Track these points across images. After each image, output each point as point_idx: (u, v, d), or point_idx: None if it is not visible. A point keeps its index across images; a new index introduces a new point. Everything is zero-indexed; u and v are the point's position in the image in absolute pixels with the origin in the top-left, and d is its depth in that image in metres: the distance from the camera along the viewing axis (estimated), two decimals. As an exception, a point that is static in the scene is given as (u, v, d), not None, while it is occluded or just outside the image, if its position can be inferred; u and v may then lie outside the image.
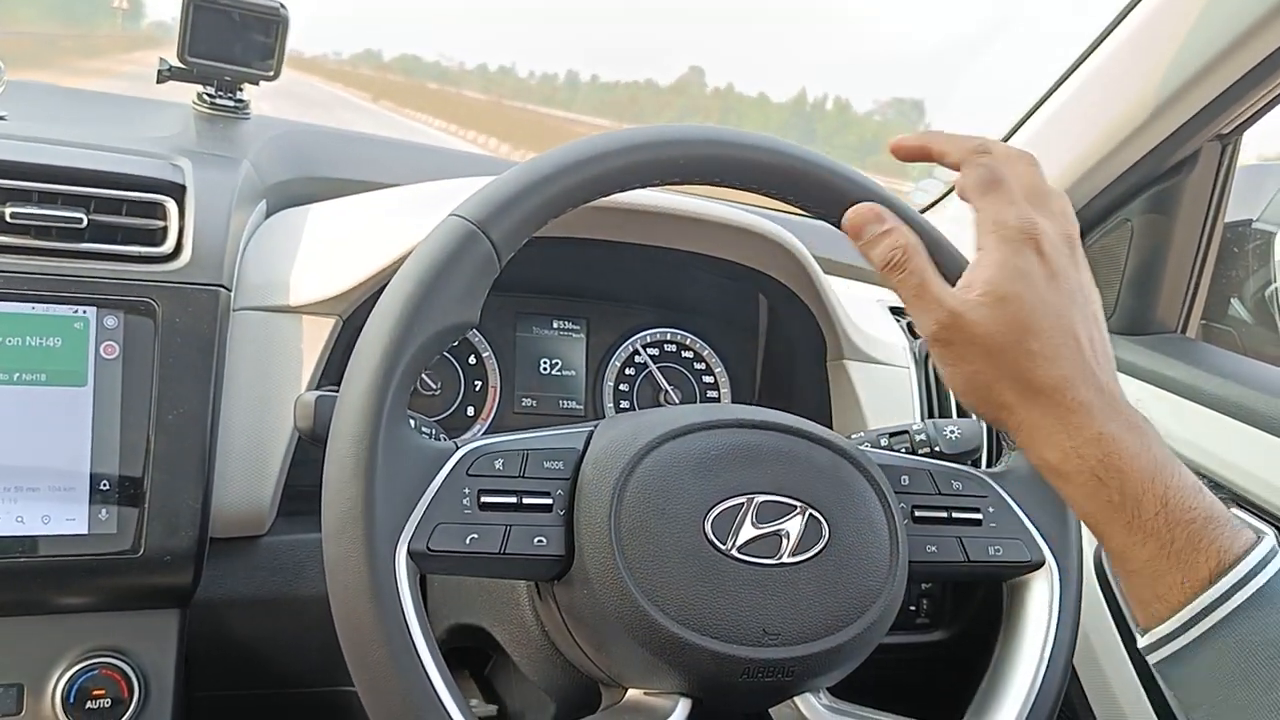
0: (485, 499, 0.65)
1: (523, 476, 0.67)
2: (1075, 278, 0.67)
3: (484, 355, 1.17)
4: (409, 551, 0.62)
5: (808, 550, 0.69)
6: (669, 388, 1.22)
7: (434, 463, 0.65)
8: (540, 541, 0.67)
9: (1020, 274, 0.65)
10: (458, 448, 0.67)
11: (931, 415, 1.18)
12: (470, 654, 0.98)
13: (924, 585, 1.12)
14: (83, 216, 0.85)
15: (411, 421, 0.82)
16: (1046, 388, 0.64)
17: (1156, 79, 1.08)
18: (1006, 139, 1.33)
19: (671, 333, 1.24)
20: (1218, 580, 0.61)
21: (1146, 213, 1.20)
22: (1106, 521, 0.64)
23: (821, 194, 0.76)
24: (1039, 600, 0.78)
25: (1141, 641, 0.65)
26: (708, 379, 1.25)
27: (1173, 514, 0.62)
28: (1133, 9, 1.11)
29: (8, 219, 0.83)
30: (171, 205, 0.89)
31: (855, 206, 0.69)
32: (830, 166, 0.76)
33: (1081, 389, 0.64)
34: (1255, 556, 0.61)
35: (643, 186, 0.73)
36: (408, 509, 0.63)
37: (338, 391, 0.66)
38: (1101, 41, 1.16)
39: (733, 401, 1.25)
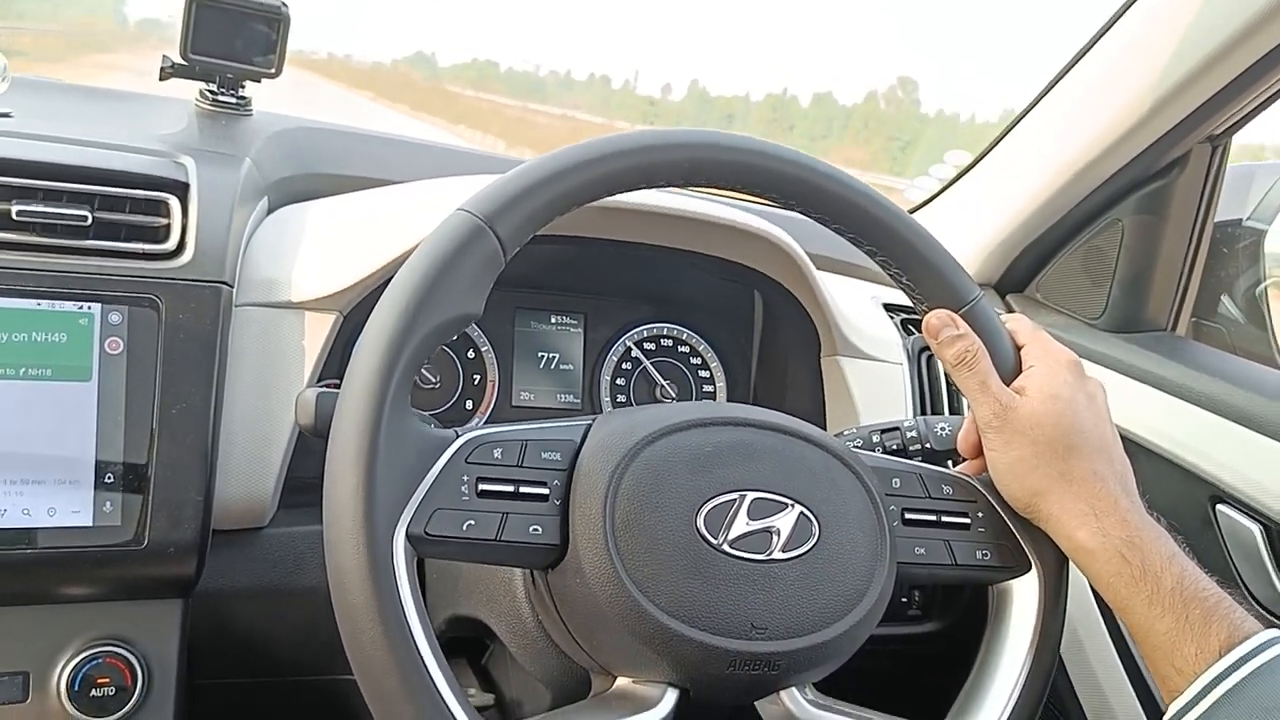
0: (483, 486, 0.67)
1: (520, 466, 0.68)
2: (1106, 405, 0.79)
3: (483, 349, 1.18)
4: (407, 535, 0.63)
5: (798, 547, 0.70)
6: (664, 382, 1.24)
7: (434, 450, 0.66)
8: (536, 530, 0.68)
9: (1067, 384, 0.77)
10: (458, 436, 0.68)
11: (923, 410, 1.19)
12: (468, 643, 1.00)
13: (914, 581, 1.13)
14: (87, 214, 0.86)
15: (414, 418, 0.84)
16: (1080, 477, 0.75)
17: (1148, 82, 1.09)
18: (1003, 137, 1.35)
19: (668, 328, 1.26)
20: (1228, 653, 0.68)
21: (1137, 213, 1.21)
22: (1129, 596, 0.72)
23: (825, 202, 0.77)
24: (1024, 604, 0.79)
25: (1166, 717, 0.70)
26: (703, 373, 1.27)
27: (1188, 591, 0.71)
28: (1125, 13, 1.12)
29: (13, 216, 0.84)
30: (174, 203, 0.90)
31: (935, 311, 0.79)
32: (835, 175, 0.77)
33: (1111, 484, 0.75)
34: (1263, 637, 0.68)
35: (648, 187, 0.74)
36: (407, 494, 0.64)
37: (337, 388, 0.67)
38: (1094, 45, 1.17)
39: (728, 396, 1.27)
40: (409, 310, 0.65)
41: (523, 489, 0.68)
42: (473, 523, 0.66)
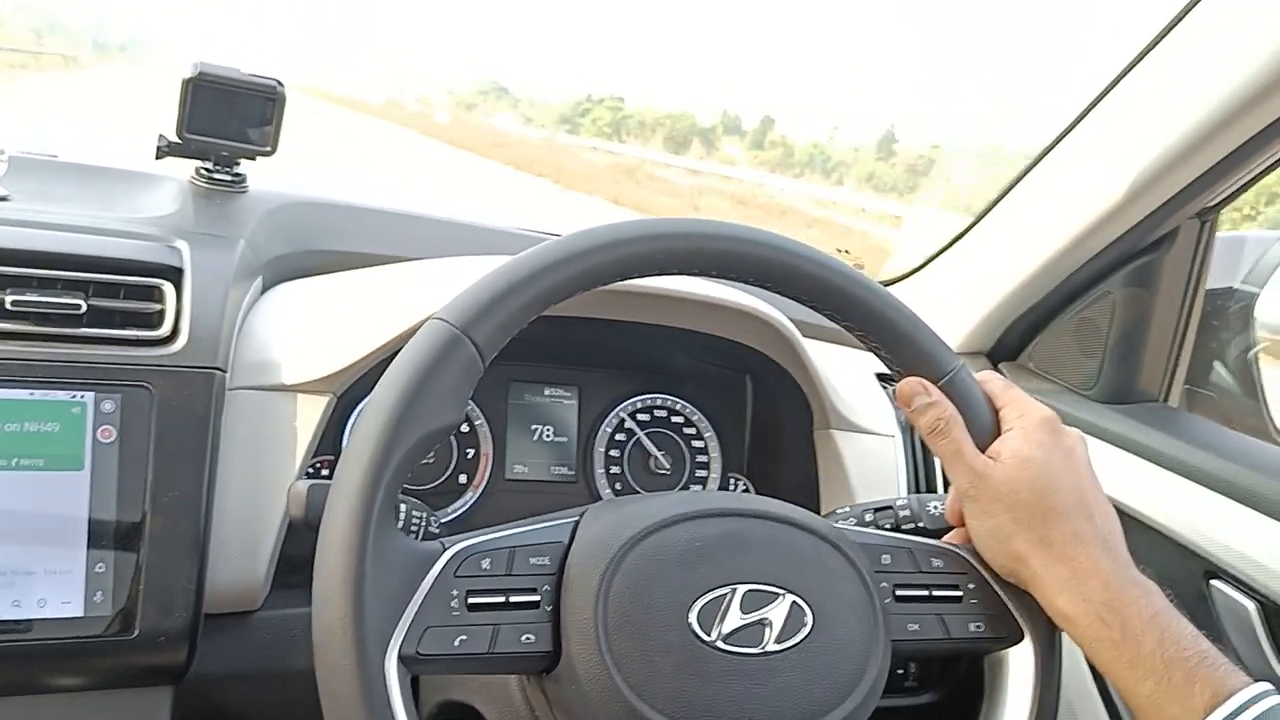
0: (473, 600, 0.66)
1: (509, 574, 0.68)
2: (1086, 458, 0.79)
3: (476, 423, 1.18)
4: (399, 656, 0.63)
5: (791, 638, 0.70)
6: (658, 454, 1.24)
7: (422, 566, 0.66)
8: (528, 639, 0.68)
9: (1041, 445, 0.76)
10: (445, 548, 0.68)
11: (918, 484, 1.19)
12: None
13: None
14: (81, 302, 0.86)
15: (402, 507, 0.84)
16: (1058, 541, 0.75)
17: (1137, 160, 1.10)
18: (994, 206, 1.35)
19: (661, 399, 1.26)
20: (1212, 712, 0.67)
21: (1128, 286, 1.22)
22: (1111, 660, 0.72)
23: (802, 282, 0.78)
24: (1020, 675, 0.79)
25: None
26: (697, 444, 1.27)
27: (1169, 652, 0.70)
28: (1112, 90, 1.14)
29: (8, 306, 0.84)
30: (169, 288, 0.91)
31: (907, 379, 0.79)
32: (811, 255, 0.78)
33: (1091, 545, 0.74)
34: (1249, 693, 0.68)
35: (624, 280, 0.74)
36: (396, 615, 0.64)
37: (329, 477, 0.67)
38: (1082, 119, 1.18)
39: (723, 467, 1.27)
40: (387, 431, 0.65)
41: (513, 598, 0.68)
42: (465, 638, 0.65)
